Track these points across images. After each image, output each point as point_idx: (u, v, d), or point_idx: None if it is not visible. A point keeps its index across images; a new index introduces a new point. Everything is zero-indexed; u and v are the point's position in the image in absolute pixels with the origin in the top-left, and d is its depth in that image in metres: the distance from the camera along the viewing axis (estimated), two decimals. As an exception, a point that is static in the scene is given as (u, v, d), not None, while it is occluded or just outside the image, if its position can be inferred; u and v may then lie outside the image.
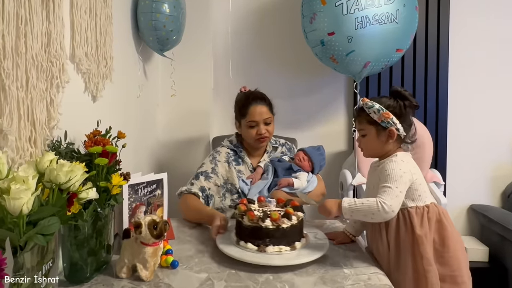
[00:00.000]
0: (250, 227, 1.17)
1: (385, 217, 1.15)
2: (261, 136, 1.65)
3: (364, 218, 1.17)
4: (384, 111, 1.21)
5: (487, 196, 2.67)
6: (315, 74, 2.59)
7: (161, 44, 1.94)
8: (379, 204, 1.12)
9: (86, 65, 1.29)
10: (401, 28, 1.99)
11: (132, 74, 1.92)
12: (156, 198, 1.33)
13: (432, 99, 2.54)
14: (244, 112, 1.66)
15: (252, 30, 2.63)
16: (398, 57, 2.10)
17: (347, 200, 1.17)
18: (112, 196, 1.08)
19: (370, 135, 1.25)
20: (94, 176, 1.04)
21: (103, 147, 1.08)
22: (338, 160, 2.61)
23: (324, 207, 1.21)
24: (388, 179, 1.16)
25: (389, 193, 1.14)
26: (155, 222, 1.05)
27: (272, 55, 2.63)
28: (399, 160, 1.21)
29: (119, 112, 1.72)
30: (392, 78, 2.53)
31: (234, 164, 1.69)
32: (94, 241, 1.07)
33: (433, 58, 2.52)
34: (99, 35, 1.38)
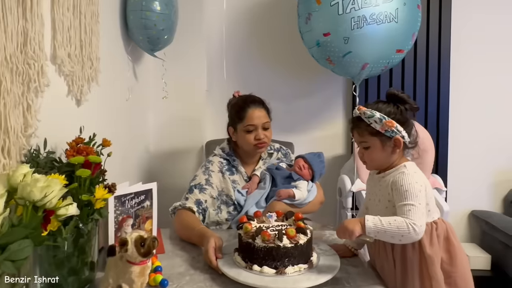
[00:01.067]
0: (265, 248, 1.07)
1: (415, 239, 1.06)
2: (259, 142, 1.57)
3: (391, 240, 1.06)
4: (386, 119, 1.13)
5: (489, 202, 2.64)
6: (313, 75, 2.53)
7: (151, 44, 1.87)
8: (410, 226, 1.03)
9: (69, 66, 1.21)
10: (401, 28, 1.92)
11: (121, 76, 1.85)
12: (145, 210, 1.25)
13: (433, 102, 2.49)
14: (242, 116, 1.57)
15: (247, 30, 2.56)
16: (398, 58, 2.04)
17: (371, 218, 1.06)
18: (96, 210, 1.00)
19: (375, 147, 1.16)
20: (76, 189, 0.96)
21: (86, 157, 1.00)
22: (336, 165, 2.55)
23: (345, 228, 1.07)
24: (408, 196, 1.07)
25: (415, 212, 1.04)
26: (142, 239, 0.97)
27: (268, 56, 2.57)
28: (411, 171, 1.13)
29: (106, 116, 1.64)
30: (392, 80, 2.48)
31: (228, 174, 1.62)
32: (75, 260, 1.00)
33: (435, 60, 2.48)
34: (83, 34, 1.30)
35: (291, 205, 1.54)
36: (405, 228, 1.03)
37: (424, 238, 1.11)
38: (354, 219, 1.09)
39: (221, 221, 1.56)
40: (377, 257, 1.20)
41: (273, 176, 1.59)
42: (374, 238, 1.07)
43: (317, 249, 1.21)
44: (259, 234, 1.09)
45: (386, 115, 1.14)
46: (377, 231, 1.04)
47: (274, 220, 1.23)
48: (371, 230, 1.05)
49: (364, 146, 1.19)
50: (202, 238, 1.25)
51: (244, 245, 1.12)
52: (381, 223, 1.04)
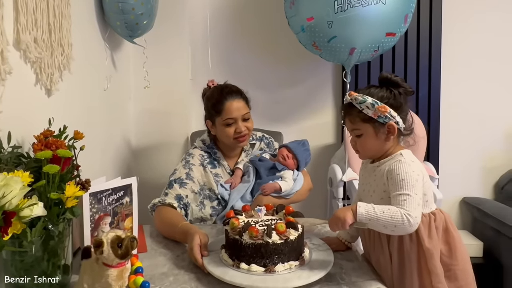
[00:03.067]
0: (253, 245, 1.01)
1: (409, 231, 1.01)
2: (240, 135, 1.50)
3: (383, 230, 1.01)
4: (379, 104, 1.07)
5: (479, 189, 2.62)
6: (301, 62, 2.47)
7: (130, 29, 1.77)
8: (404, 217, 0.97)
9: (36, 52, 1.11)
10: (391, 10, 1.85)
11: (98, 64, 1.75)
12: (124, 207, 1.16)
13: (424, 88, 2.45)
14: (219, 109, 1.49)
15: (234, 15, 2.47)
16: (390, 42, 1.96)
17: (363, 205, 1.02)
18: (68, 209, 0.92)
19: (367, 135, 1.11)
20: (44, 187, 0.88)
21: (54, 151, 0.91)
22: (327, 154, 2.50)
23: (336, 218, 1.03)
24: (404, 185, 1.02)
25: (410, 202, 0.99)
26: (119, 239, 0.90)
27: (256, 42, 2.49)
28: (408, 160, 1.07)
29: (82, 107, 1.54)
30: (383, 65, 2.42)
31: (210, 167, 1.55)
32: (46, 264, 0.92)
33: (425, 45, 2.43)
34: (52, 17, 1.20)
35: (278, 197, 1.49)
36: (399, 218, 0.98)
37: (422, 230, 1.06)
38: (345, 207, 1.05)
39: (205, 217, 1.50)
40: (372, 251, 1.15)
41: (256, 168, 1.54)
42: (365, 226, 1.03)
43: (309, 243, 1.15)
44: (246, 230, 1.03)
45: (379, 100, 1.08)
46: (369, 218, 1.00)
47: (263, 214, 1.17)
48: (363, 217, 1.00)
49: (356, 134, 1.13)
50: (185, 235, 1.18)
51: (231, 242, 1.06)
52: (374, 211, 1.00)
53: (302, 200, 1.61)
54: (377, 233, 1.10)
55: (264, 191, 1.45)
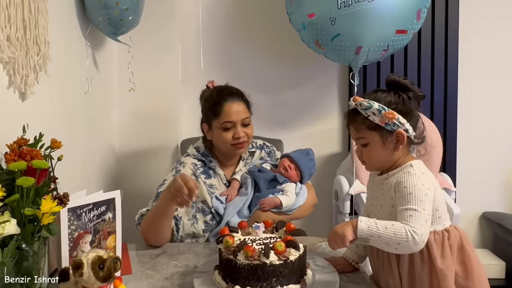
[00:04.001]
0: (249, 266, 1.01)
1: (414, 250, 1.02)
2: (238, 141, 1.52)
3: (386, 247, 1.02)
4: (386, 110, 1.09)
5: (501, 203, 2.64)
6: (303, 62, 2.49)
7: (113, 26, 1.79)
8: (409, 234, 0.99)
9: (9, 52, 1.11)
10: (400, 4, 1.87)
11: (77, 64, 1.76)
12: (106, 224, 1.17)
13: (440, 92, 2.47)
14: (218, 111, 1.52)
15: (229, 9, 2.50)
16: (402, 40, 1.99)
17: (365, 220, 1.03)
18: (44, 227, 0.92)
19: (374, 144, 1.12)
20: (17, 202, 0.88)
21: (29, 162, 0.91)
22: (332, 164, 2.52)
23: (335, 234, 1.05)
24: (411, 199, 1.03)
25: (417, 218, 1.00)
26: (101, 260, 0.91)
27: (253, 40, 2.51)
28: (418, 172, 1.08)
29: (60, 113, 1.55)
30: (394, 66, 2.45)
31: (204, 177, 1.56)
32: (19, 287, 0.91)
33: (441, 44, 2.45)
34: (27, 13, 1.21)
35: (278, 212, 1.49)
36: (403, 235, 0.99)
37: (435, 249, 1.07)
38: (345, 222, 1.06)
39: (198, 233, 1.51)
40: (381, 271, 1.16)
41: (255, 180, 1.54)
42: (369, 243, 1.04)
43: (313, 264, 1.16)
44: (241, 249, 1.03)
45: (386, 106, 1.10)
46: (371, 234, 1.01)
47: (262, 232, 1.18)
48: (364, 233, 1.02)
49: (362, 143, 1.15)
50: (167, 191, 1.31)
51: (225, 262, 1.06)
52: (376, 226, 1.01)
53: (305, 216, 1.62)
54: (386, 252, 1.11)
55: (263, 207, 1.46)
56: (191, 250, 1.39)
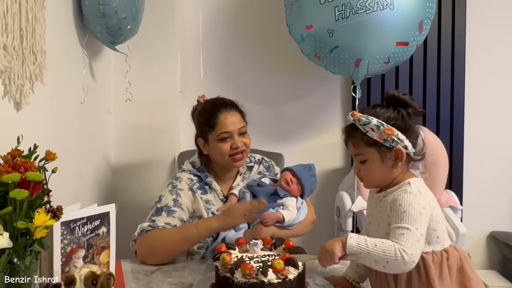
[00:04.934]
0: (246, 284, 1.03)
1: (403, 269, 1.04)
2: (237, 151, 1.55)
3: (374, 265, 1.05)
4: (385, 126, 1.11)
5: (510, 222, 2.63)
6: (305, 73, 2.52)
7: (111, 35, 1.83)
8: (398, 252, 1.01)
9: (5, 61, 1.15)
10: (400, 16, 1.89)
11: (74, 74, 1.79)
12: (100, 238, 1.18)
13: (446, 106, 2.49)
14: (213, 123, 1.55)
15: (229, 19, 2.54)
16: (404, 52, 2.01)
17: (355, 236, 1.06)
18: (36, 241, 0.94)
19: (372, 160, 1.14)
20: (10, 214, 0.90)
21: (23, 174, 0.93)
22: (334, 180, 2.53)
23: (324, 250, 1.08)
24: (404, 218, 1.05)
25: (408, 237, 1.02)
26: (94, 276, 0.94)
27: (253, 52, 2.55)
28: (415, 190, 1.11)
29: (55, 123, 1.58)
30: (399, 79, 2.48)
31: (200, 192, 1.58)
32: (10, 301, 0.92)
33: (447, 56, 2.48)
34: (25, 22, 1.25)
35: (280, 227, 1.51)
36: (391, 253, 1.01)
37: (433, 270, 1.09)
38: (335, 239, 1.09)
39: (193, 250, 1.52)
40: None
41: (254, 194, 1.56)
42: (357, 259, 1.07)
43: (312, 283, 1.17)
44: (239, 266, 1.05)
45: (385, 121, 1.12)
46: (359, 251, 1.04)
47: (260, 249, 1.19)
48: (353, 250, 1.04)
49: (360, 159, 1.16)
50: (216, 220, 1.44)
51: (222, 280, 1.08)
52: (365, 243, 1.04)
53: (304, 233, 1.64)
54: (384, 275, 1.13)
55: (265, 222, 1.47)
56: (187, 267, 1.40)
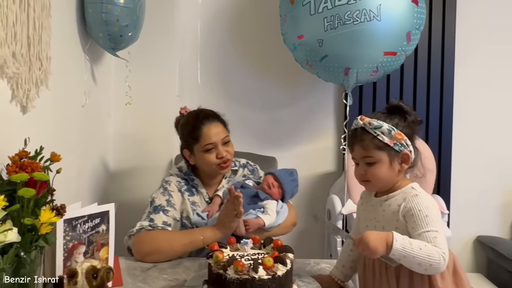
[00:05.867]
0: (238, 280, 1.08)
1: (441, 270, 1.08)
2: (222, 160, 1.61)
3: (416, 268, 1.06)
4: (395, 131, 1.15)
5: (496, 226, 2.68)
6: (299, 80, 2.57)
7: (113, 41, 1.88)
8: (441, 256, 1.04)
9: (14, 67, 1.21)
10: (387, 27, 1.93)
11: (76, 78, 1.85)
12: (100, 236, 1.24)
13: (435, 114, 2.55)
14: (197, 135, 1.61)
15: (226, 28, 2.59)
16: (392, 62, 2.05)
17: (400, 239, 1.05)
18: (41, 236, 1.00)
19: (382, 163, 1.16)
20: (18, 211, 0.96)
21: (30, 174, 0.99)
22: (325, 183, 2.59)
23: (365, 243, 1.06)
24: (429, 222, 1.08)
25: (441, 239, 1.06)
26: (94, 270, 0.98)
27: (250, 58, 2.60)
28: (424, 193, 1.15)
29: (58, 126, 1.63)
30: (390, 87, 2.53)
31: (187, 194, 1.66)
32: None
33: (437, 65, 2.54)
34: (32, 30, 1.31)
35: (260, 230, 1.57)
36: (435, 257, 1.04)
37: None
38: (379, 235, 1.08)
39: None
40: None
41: None
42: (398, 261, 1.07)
43: (299, 281, 1.22)
44: (231, 264, 1.10)
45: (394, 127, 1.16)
46: (404, 255, 1.04)
47: (250, 248, 1.25)
48: (398, 253, 1.04)
49: (368, 161, 1.18)
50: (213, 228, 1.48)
51: (214, 277, 1.12)
52: (410, 247, 1.04)
53: (285, 233, 1.70)
54: (385, 273, 1.15)
55: (248, 228, 1.53)
56: (182, 264, 1.45)
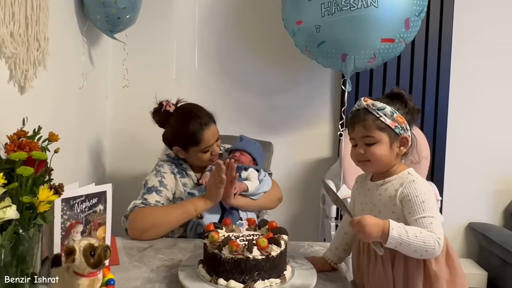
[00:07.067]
0: (232, 260, 1.10)
1: (435, 255, 1.10)
2: (215, 156, 1.71)
3: (413, 254, 1.09)
4: (397, 114, 1.17)
5: (488, 213, 2.73)
6: (297, 66, 2.57)
7: (111, 24, 1.87)
8: (436, 242, 1.06)
9: (12, 47, 1.21)
10: (384, 13, 1.92)
11: (74, 60, 1.85)
12: (97, 215, 1.26)
13: (431, 102, 2.57)
14: (198, 140, 1.65)
15: (225, 11, 2.58)
16: (390, 49, 2.05)
17: (396, 227, 1.06)
18: (39, 214, 1.01)
19: (382, 143, 1.17)
20: (16, 189, 0.97)
21: (28, 153, 1.00)
22: (321, 169, 2.61)
23: (362, 226, 1.08)
24: (426, 207, 1.10)
25: (436, 225, 1.08)
26: (92, 247, 0.99)
27: (248, 42, 2.59)
28: (420, 179, 1.16)
29: (55, 106, 1.64)
30: (386, 74, 2.54)
31: (179, 176, 1.72)
32: (14, 270, 1.00)
33: (434, 54, 2.55)
34: (30, 10, 1.30)
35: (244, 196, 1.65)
36: (431, 243, 1.06)
37: None
38: (376, 221, 1.09)
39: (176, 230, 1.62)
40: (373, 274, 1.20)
41: None
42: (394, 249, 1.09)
43: (292, 262, 1.25)
44: (226, 244, 1.12)
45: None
46: (400, 242, 1.06)
47: (245, 229, 1.27)
48: (394, 241, 1.06)
49: (368, 141, 1.18)
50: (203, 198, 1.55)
51: (210, 256, 1.15)
52: (406, 234, 1.06)
53: (271, 208, 1.79)
54: (380, 257, 1.16)
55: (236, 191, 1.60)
56: (177, 245, 1.48)
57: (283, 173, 2.54)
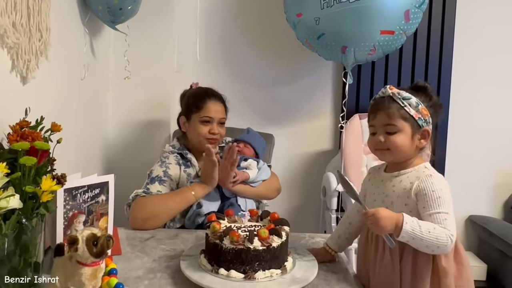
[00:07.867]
0: (233, 250, 1.11)
1: (447, 251, 1.10)
2: (212, 136, 1.72)
3: (425, 249, 1.08)
4: (422, 105, 1.16)
5: (489, 206, 2.75)
6: (299, 58, 2.57)
7: (112, 15, 1.87)
8: (449, 238, 1.05)
9: (14, 37, 1.21)
10: (383, 5, 1.92)
11: (75, 51, 1.84)
12: (100, 206, 1.26)
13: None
14: (200, 106, 1.72)
15: (227, 4, 2.58)
16: (390, 41, 2.04)
17: (410, 221, 1.06)
18: (42, 204, 1.02)
19: (405, 133, 1.16)
20: (19, 179, 0.97)
21: (31, 143, 1.01)
22: (322, 161, 2.62)
23: (376, 218, 1.07)
24: (441, 203, 1.09)
25: (450, 221, 1.07)
26: (95, 237, 0.99)
27: (250, 35, 2.59)
28: (437, 174, 1.16)
29: (57, 97, 1.64)
30: (388, 67, 2.54)
31: (184, 167, 1.74)
32: (17, 259, 1.00)
33: (436, 47, 2.55)
34: (32, 0, 1.30)
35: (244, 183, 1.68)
36: (443, 239, 1.05)
37: None
38: (390, 214, 1.08)
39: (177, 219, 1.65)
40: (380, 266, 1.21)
41: None
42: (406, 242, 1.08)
43: (294, 253, 1.25)
44: (227, 234, 1.12)
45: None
46: (413, 237, 1.06)
47: (247, 220, 1.28)
48: (407, 235, 1.06)
49: (390, 130, 1.17)
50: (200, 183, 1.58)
51: (211, 246, 1.15)
52: (419, 229, 1.05)
53: (269, 198, 1.82)
54: (389, 249, 1.17)
55: (236, 179, 1.63)
56: (179, 236, 1.49)
57: (284, 165, 2.55)
